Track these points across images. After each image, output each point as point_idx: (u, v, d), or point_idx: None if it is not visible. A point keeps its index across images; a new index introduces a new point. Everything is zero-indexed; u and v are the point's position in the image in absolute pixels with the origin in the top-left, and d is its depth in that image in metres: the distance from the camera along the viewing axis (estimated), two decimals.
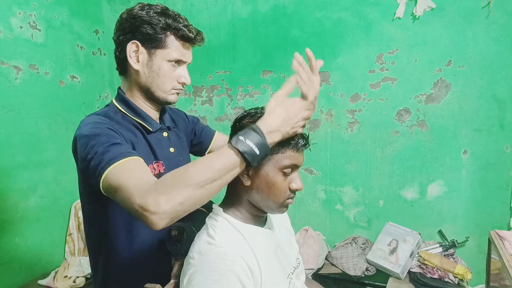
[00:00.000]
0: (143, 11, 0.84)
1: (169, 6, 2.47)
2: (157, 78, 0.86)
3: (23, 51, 1.77)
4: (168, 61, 0.86)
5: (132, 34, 0.84)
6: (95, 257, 0.94)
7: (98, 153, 0.72)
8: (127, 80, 0.91)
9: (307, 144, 0.79)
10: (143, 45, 0.84)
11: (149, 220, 0.61)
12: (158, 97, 0.89)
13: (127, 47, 0.84)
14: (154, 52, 0.85)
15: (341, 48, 1.93)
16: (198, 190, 0.63)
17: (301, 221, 2.11)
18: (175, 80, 0.89)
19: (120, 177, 0.67)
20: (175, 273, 0.83)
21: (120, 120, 0.87)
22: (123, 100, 0.90)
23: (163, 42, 0.84)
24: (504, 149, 1.69)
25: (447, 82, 1.76)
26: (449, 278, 1.59)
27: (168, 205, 0.61)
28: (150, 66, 0.85)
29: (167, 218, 0.62)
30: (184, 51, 0.88)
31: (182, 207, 0.63)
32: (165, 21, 0.84)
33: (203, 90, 2.27)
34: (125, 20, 0.85)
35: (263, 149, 0.66)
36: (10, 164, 1.71)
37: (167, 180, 0.64)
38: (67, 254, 1.99)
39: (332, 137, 2.01)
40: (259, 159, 0.67)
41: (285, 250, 0.88)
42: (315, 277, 1.80)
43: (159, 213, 0.60)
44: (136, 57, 0.85)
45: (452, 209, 1.81)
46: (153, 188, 0.63)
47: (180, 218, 0.65)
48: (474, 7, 1.67)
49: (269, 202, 0.79)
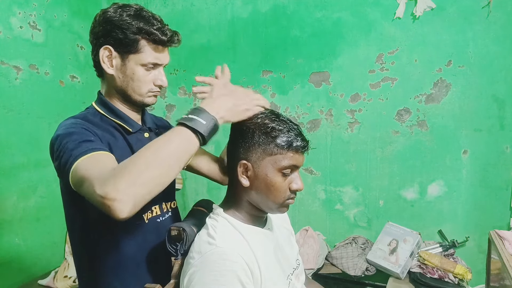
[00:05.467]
0: (116, 13, 0.82)
1: (169, 6, 2.46)
2: (132, 82, 0.85)
3: (23, 51, 1.77)
4: (141, 65, 0.83)
5: (104, 39, 0.82)
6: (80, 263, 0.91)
7: (69, 149, 0.71)
8: (104, 82, 0.90)
9: (307, 147, 0.79)
10: (115, 50, 0.82)
11: (111, 209, 0.58)
12: (135, 100, 0.88)
13: (100, 52, 0.83)
14: (127, 56, 0.82)
15: (341, 48, 1.93)
16: (157, 170, 0.62)
17: (301, 221, 2.11)
18: (151, 83, 0.87)
19: (86, 169, 0.66)
20: (175, 273, 0.83)
21: (99, 122, 0.86)
22: (103, 102, 0.90)
23: (135, 46, 0.82)
24: (504, 149, 1.69)
25: (447, 82, 1.76)
26: (449, 278, 1.59)
27: (128, 188, 0.59)
28: (124, 71, 0.84)
29: (129, 202, 0.59)
30: (157, 55, 0.85)
31: (144, 189, 0.61)
32: (137, 25, 0.81)
33: None
34: (98, 23, 0.84)
35: (208, 119, 0.70)
36: (10, 164, 1.71)
37: (125, 164, 0.63)
38: (67, 254, 1.99)
39: (332, 137, 2.01)
40: (208, 130, 0.69)
41: (285, 251, 0.88)
42: (315, 277, 1.80)
43: (119, 199, 0.58)
44: (109, 62, 0.84)
45: (452, 209, 1.81)
46: (111, 174, 0.62)
47: (145, 203, 0.62)
48: (474, 7, 1.67)
49: (269, 203, 0.79)
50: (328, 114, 2.01)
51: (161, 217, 0.94)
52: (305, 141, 0.78)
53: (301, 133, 0.79)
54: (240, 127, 0.80)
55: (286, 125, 0.77)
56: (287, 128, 0.77)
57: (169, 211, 0.98)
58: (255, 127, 0.77)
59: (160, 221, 0.93)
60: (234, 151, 0.81)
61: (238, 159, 0.78)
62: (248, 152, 0.77)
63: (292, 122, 0.80)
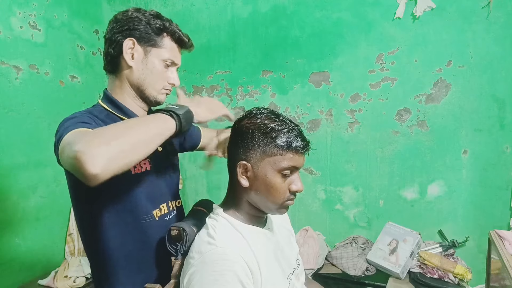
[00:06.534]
0: (139, 12, 0.88)
1: (169, 6, 2.46)
2: (150, 75, 0.89)
3: (23, 51, 1.77)
4: (162, 61, 0.89)
5: (129, 32, 0.86)
6: (92, 259, 0.93)
7: (64, 127, 0.73)
8: (117, 78, 0.91)
9: (307, 148, 0.78)
10: (139, 43, 0.87)
11: (83, 163, 0.57)
12: (149, 95, 0.91)
13: (124, 43, 0.86)
14: (150, 50, 0.88)
15: (341, 48, 1.93)
16: (131, 138, 0.65)
17: (301, 221, 2.11)
18: (166, 81, 0.92)
19: (69, 139, 0.66)
20: (175, 273, 0.83)
21: (104, 118, 0.87)
22: (109, 99, 0.91)
23: (158, 42, 0.88)
24: (504, 149, 1.69)
25: (447, 82, 1.76)
26: (449, 278, 1.59)
27: (100, 145, 0.59)
28: (145, 63, 0.88)
29: (101, 158, 0.58)
30: (176, 54, 0.93)
31: (117, 149, 0.61)
32: (161, 23, 0.87)
33: (203, 90, 2.28)
34: (120, 19, 0.88)
35: (183, 108, 0.79)
36: (10, 164, 1.71)
37: (101, 128, 0.67)
38: (67, 254, 1.99)
39: (332, 137, 2.01)
40: (183, 114, 0.76)
41: (285, 251, 0.88)
42: (315, 277, 1.80)
43: (92, 153, 0.58)
44: (131, 54, 0.87)
45: (452, 209, 1.81)
46: (86, 134, 0.63)
47: (119, 168, 0.62)
48: (474, 7, 1.67)
49: (268, 204, 0.78)
50: (328, 114, 2.01)
51: (168, 215, 0.96)
52: (305, 141, 0.77)
53: (302, 134, 0.78)
54: (240, 127, 0.80)
55: (286, 125, 0.77)
56: (287, 129, 0.76)
57: (175, 209, 1.01)
58: (255, 128, 0.77)
59: (168, 219, 0.96)
60: (234, 151, 0.80)
61: (237, 160, 0.78)
62: (247, 152, 0.77)
63: (292, 122, 0.79)
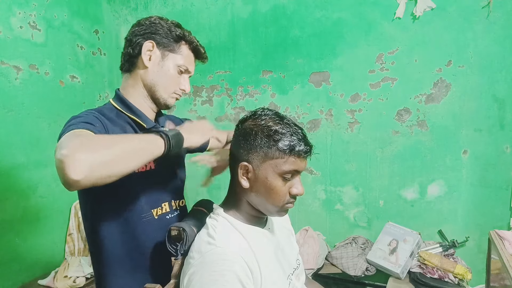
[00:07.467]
0: (162, 20, 0.94)
1: (169, 6, 2.46)
2: (164, 77, 0.92)
3: (23, 51, 1.77)
4: (177, 66, 0.93)
5: (150, 35, 0.91)
6: (94, 255, 0.94)
7: (67, 125, 0.74)
8: (131, 77, 0.94)
9: (310, 153, 0.77)
10: (158, 47, 0.91)
11: (65, 167, 0.57)
12: (160, 97, 0.94)
13: (144, 45, 0.90)
14: (167, 54, 0.92)
15: (341, 48, 1.93)
16: (119, 151, 0.65)
17: (301, 221, 2.11)
18: (177, 85, 0.95)
19: (64, 139, 0.66)
20: (175, 273, 0.83)
21: (114, 117, 0.89)
22: (120, 98, 0.93)
23: (176, 48, 0.93)
24: (504, 149, 1.69)
25: (447, 82, 1.76)
26: (449, 278, 1.59)
27: (86, 153, 0.59)
28: (160, 66, 0.92)
29: (84, 164, 0.58)
30: (191, 62, 0.97)
31: (102, 158, 0.61)
32: (181, 32, 0.93)
33: (203, 90, 2.28)
34: (143, 23, 0.93)
35: (173, 131, 0.79)
36: (10, 164, 1.71)
37: (97, 136, 0.68)
38: (67, 254, 1.99)
39: (332, 137, 2.01)
40: (173, 136, 0.76)
41: (285, 251, 0.88)
42: (315, 277, 1.80)
43: (76, 158, 0.57)
44: (149, 56, 0.91)
45: (452, 209, 1.81)
46: (76, 139, 0.63)
47: (102, 178, 0.62)
48: (474, 7, 1.67)
49: (268, 206, 0.78)
50: (328, 114, 2.01)
51: (170, 214, 0.97)
52: (308, 145, 0.76)
53: (305, 137, 0.77)
54: (243, 128, 0.79)
55: (289, 128, 0.76)
56: (291, 132, 0.75)
57: (178, 209, 1.01)
58: (258, 129, 0.76)
59: (169, 218, 0.96)
60: (236, 152, 0.80)
61: (239, 160, 0.78)
62: (249, 154, 0.77)
63: (296, 125, 0.78)
